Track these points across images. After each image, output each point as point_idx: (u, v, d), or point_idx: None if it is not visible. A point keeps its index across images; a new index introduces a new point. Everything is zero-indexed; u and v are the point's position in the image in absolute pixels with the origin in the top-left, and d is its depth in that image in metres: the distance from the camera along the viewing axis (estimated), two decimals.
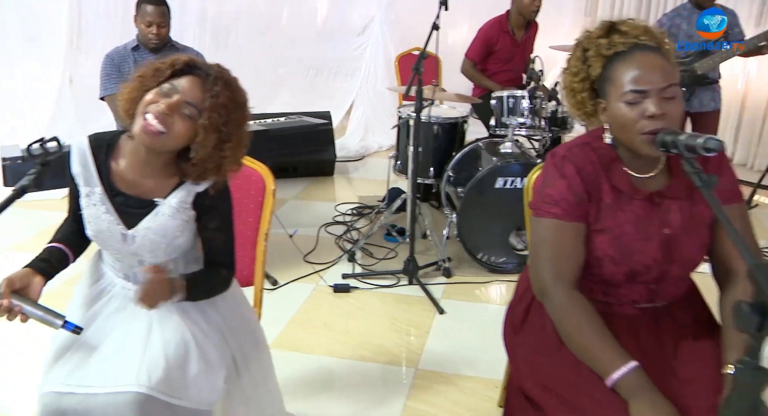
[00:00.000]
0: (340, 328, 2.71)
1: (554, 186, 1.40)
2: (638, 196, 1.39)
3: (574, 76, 1.41)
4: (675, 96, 1.30)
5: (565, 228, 1.38)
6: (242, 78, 4.67)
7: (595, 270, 1.41)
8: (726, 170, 1.43)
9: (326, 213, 4.02)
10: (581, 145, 1.44)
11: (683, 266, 1.41)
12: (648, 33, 1.35)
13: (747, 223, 1.42)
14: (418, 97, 2.80)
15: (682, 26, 3.89)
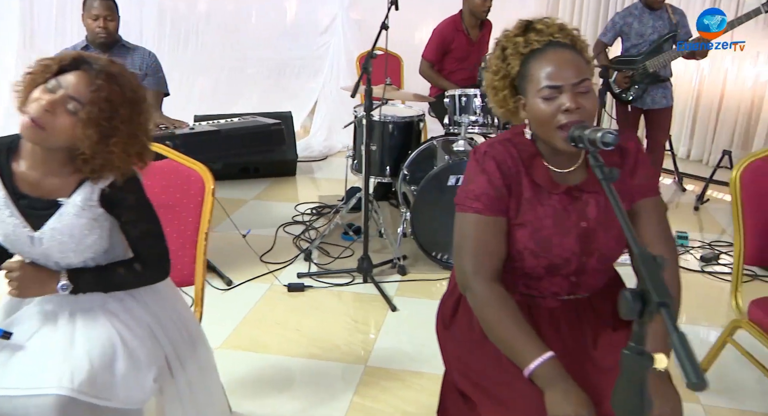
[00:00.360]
0: (292, 327, 2.72)
1: (475, 181, 1.44)
2: (557, 190, 1.43)
3: (494, 74, 1.45)
4: (589, 90, 1.34)
5: (486, 223, 1.41)
6: (211, 78, 4.64)
7: (517, 264, 1.44)
8: (643, 164, 1.47)
9: (286, 213, 4.02)
10: (503, 141, 1.47)
11: (601, 259, 1.44)
12: (563, 30, 1.39)
13: (662, 215, 1.47)
14: (368, 96, 2.82)
15: (634, 25, 3.97)
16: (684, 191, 4.62)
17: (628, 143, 1.48)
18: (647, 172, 1.47)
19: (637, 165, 1.46)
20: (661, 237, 1.43)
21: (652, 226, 1.44)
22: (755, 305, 2.01)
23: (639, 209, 1.45)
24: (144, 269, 1.52)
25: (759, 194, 2.02)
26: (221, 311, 2.86)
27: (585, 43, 1.42)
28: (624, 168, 1.46)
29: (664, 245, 1.43)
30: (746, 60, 4.94)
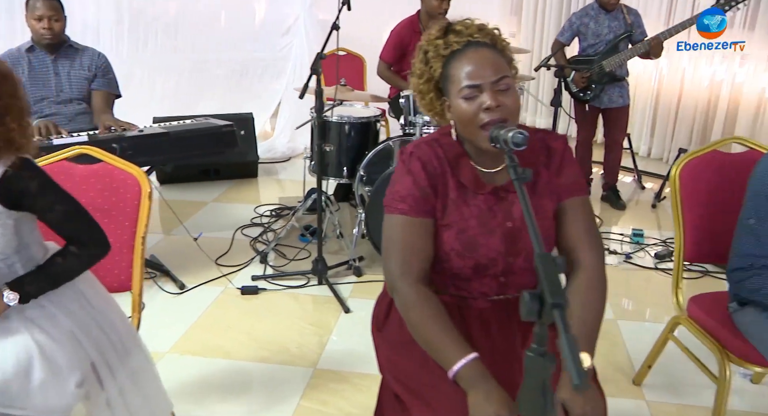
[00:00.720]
0: (243, 330, 2.69)
1: (401, 182, 1.43)
2: (483, 190, 1.43)
3: (419, 78, 1.44)
4: (509, 87, 1.34)
5: (412, 224, 1.40)
6: (172, 79, 4.52)
7: (445, 265, 1.44)
8: (569, 164, 1.48)
9: (245, 215, 3.98)
10: (430, 141, 1.47)
11: (528, 258, 1.44)
12: (482, 31, 1.39)
13: (588, 214, 1.47)
14: (318, 97, 2.80)
15: (590, 25, 4.01)
16: (643, 188, 4.68)
17: (555, 142, 1.48)
18: (574, 171, 1.48)
19: (563, 164, 1.46)
20: (586, 236, 1.43)
21: (577, 224, 1.44)
22: (693, 301, 2.03)
23: (565, 208, 1.45)
24: (81, 249, 1.48)
25: (697, 191, 2.05)
26: (172, 315, 2.82)
27: (506, 42, 1.43)
28: (550, 167, 1.46)
29: (589, 243, 1.43)
30: (702, 60, 5.02)
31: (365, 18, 5.40)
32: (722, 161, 2.06)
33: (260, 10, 5.45)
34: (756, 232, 1.70)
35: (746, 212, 1.74)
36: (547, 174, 1.46)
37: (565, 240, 1.45)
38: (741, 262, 1.74)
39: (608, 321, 2.80)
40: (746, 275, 1.72)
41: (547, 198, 1.45)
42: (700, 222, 2.05)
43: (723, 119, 4.95)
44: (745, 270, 1.73)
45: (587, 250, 1.42)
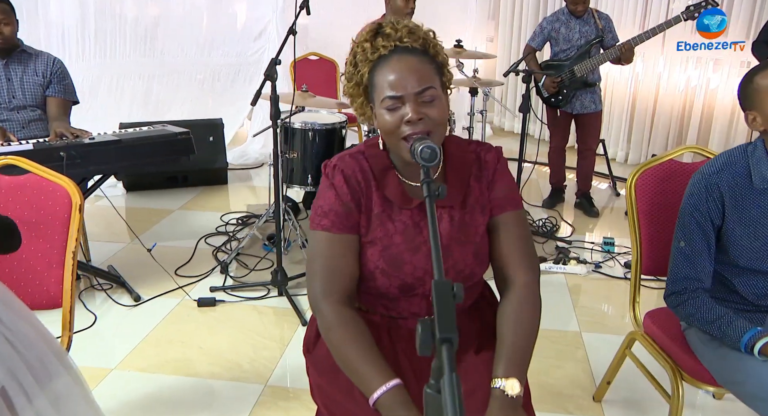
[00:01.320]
0: (195, 344, 2.60)
1: (324, 197, 1.36)
2: (409, 205, 1.36)
3: (348, 81, 1.37)
4: (434, 99, 1.27)
5: (335, 240, 1.33)
6: (142, 85, 4.37)
7: (370, 283, 1.36)
8: (502, 176, 1.41)
9: (210, 224, 3.89)
10: (355, 153, 1.40)
11: (458, 277, 1.37)
12: (412, 34, 1.30)
13: (522, 230, 1.40)
14: (274, 104, 2.72)
15: (561, 30, 3.96)
16: (618, 195, 4.62)
17: (488, 154, 1.42)
18: (507, 184, 1.41)
19: (496, 177, 1.40)
20: (519, 253, 1.36)
21: (510, 241, 1.37)
22: (649, 317, 1.97)
23: (498, 223, 1.39)
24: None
25: (653, 202, 1.98)
26: (125, 329, 2.73)
27: (438, 47, 1.35)
28: (482, 180, 1.40)
29: (522, 260, 1.36)
30: (677, 65, 4.99)
31: (338, 22, 5.35)
32: (678, 171, 2.00)
33: (233, 15, 5.37)
34: (686, 254, 1.64)
35: (677, 233, 1.67)
36: (478, 187, 1.40)
37: (498, 257, 1.38)
38: (675, 286, 1.67)
39: (573, 334, 2.74)
40: (680, 300, 1.65)
41: (478, 213, 1.39)
42: (657, 234, 1.98)
43: (698, 125, 4.92)
44: (679, 294, 1.66)
45: (520, 267, 1.35)
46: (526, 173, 3.61)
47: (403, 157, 1.29)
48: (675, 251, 1.67)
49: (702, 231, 1.62)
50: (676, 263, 1.67)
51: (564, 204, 4.39)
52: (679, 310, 1.67)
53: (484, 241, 1.39)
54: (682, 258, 1.65)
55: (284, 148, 3.47)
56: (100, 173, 2.79)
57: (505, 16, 6.28)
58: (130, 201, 4.35)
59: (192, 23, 5.18)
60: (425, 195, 1.06)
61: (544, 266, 3.30)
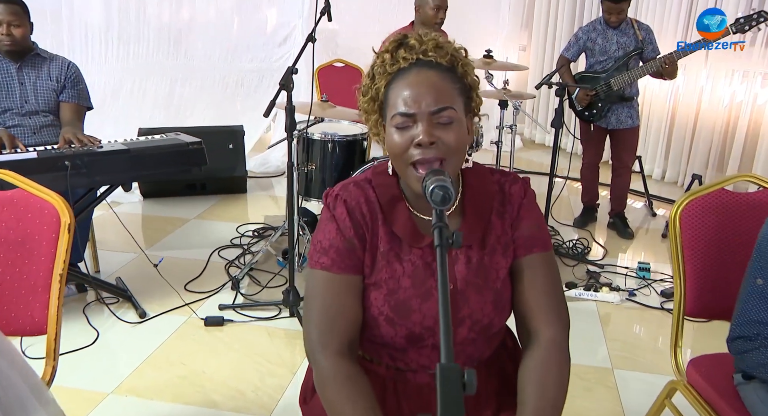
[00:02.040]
0: (198, 369, 2.46)
1: (324, 231, 1.20)
2: (420, 243, 1.18)
3: (363, 95, 1.21)
4: (452, 121, 1.10)
5: (334, 281, 1.17)
6: (164, 89, 4.24)
7: (374, 331, 1.19)
8: (529, 213, 1.23)
9: (225, 235, 3.77)
10: (361, 182, 1.23)
11: (475, 327, 1.19)
12: (440, 49, 1.14)
13: (549, 275, 1.21)
14: (289, 115, 2.57)
15: (598, 41, 3.75)
16: (654, 216, 4.37)
17: (513, 186, 1.24)
18: (534, 222, 1.23)
19: (521, 213, 1.22)
20: (546, 302, 1.18)
21: (536, 288, 1.19)
22: (693, 365, 1.75)
23: (522, 267, 1.20)
24: None
25: (700, 236, 1.77)
26: (127, 347, 2.61)
27: (469, 67, 1.18)
28: (505, 216, 1.22)
29: (549, 311, 1.18)
30: (721, 79, 4.72)
31: (365, 29, 5.21)
32: (730, 202, 1.78)
33: (260, 20, 5.26)
34: (765, 295, 1.42)
35: (754, 270, 1.46)
36: (501, 225, 1.21)
37: (521, 306, 1.20)
38: (745, 329, 1.46)
39: (604, 370, 2.52)
40: (751, 346, 1.44)
41: (499, 254, 1.21)
42: (704, 272, 1.77)
43: (742, 143, 4.64)
44: (750, 340, 1.44)
45: (546, 320, 1.17)
46: (557, 188, 3.42)
47: (412, 187, 1.13)
48: (749, 290, 1.46)
49: None
50: (749, 303, 1.45)
51: (596, 224, 4.16)
52: (746, 358, 1.46)
53: (506, 286, 1.21)
54: (758, 298, 1.43)
55: (302, 159, 3.33)
56: (106, 183, 2.67)
57: (539, 24, 6.07)
58: (147, 208, 4.25)
59: (217, 27, 5.08)
60: (436, 244, 0.88)
61: (573, 293, 3.09)
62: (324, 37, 5.32)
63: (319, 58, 5.05)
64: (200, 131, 4.32)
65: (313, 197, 3.40)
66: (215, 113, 5.08)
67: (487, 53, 3.62)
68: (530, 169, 5.44)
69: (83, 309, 2.83)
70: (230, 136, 4.44)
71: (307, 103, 2.98)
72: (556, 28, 5.89)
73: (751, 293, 1.45)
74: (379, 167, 1.25)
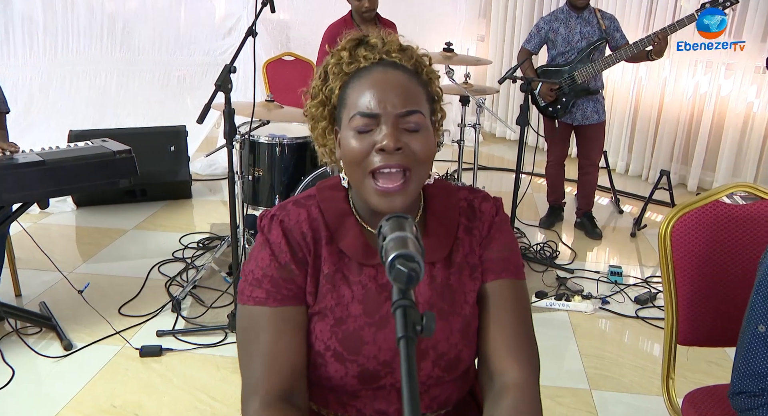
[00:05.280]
0: (130, 409, 2.16)
1: (257, 259, 1.00)
2: (372, 260, 0.98)
3: (312, 98, 1.03)
4: (420, 128, 0.94)
5: (272, 316, 0.97)
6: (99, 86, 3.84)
7: (321, 371, 0.98)
8: (502, 233, 1.05)
9: (167, 247, 3.45)
10: (302, 199, 1.04)
11: (440, 363, 0.98)
12: (404, 52, 0.98)
13: (518, 305, 1.01)
14: (228, 119, 2.28)
15: (560, 31, 3.55)
16: (621, 213, 4.23)
17: (483, 203, 1.06)
18: (505, 243, 1.04)
19: (492, 233, 1.04)
20: (514, 340, 0.98)
21: (501, 320, 0.99)
22: (690, 401, 1.55)
23: (488, 293, 1.01)
24: None
25: (693, 255, 1.57)
26: (47, 389, 2.28)
27: (433, 75, 1.01)
28: (473, 233, 1.04)
29: (518, 351, 0.98)
30: (684, 70, 4.59)
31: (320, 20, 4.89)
32: (725, 216, 1.58)
33: (201, 10, 4.90)
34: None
35: (755, 315, 1.24)
36: (469, 242, 1.03)
37: (484, 343, 1.00)
38: (748, 384, 1.24)
39: (582, 392, 2.33)
40: (756, 403, 1.22)
41: (467, 275, 1.02)
42: (699, 296, 1.57)
43: (707, 135, 4.54)
44: (755, 396, 1.23)
45: (513, 360, 0.97)
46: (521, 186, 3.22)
47: (368, 200, 0.94)
48: (750, 337, 1.24)
49: None
50: (751, 353, 1.23)
51: (563, 223, 3.98)
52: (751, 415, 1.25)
53: (475, 314, 1.01)
54: (761, 347, 1.21)
55: (248, 164, 3.03)
56: (17, 201, 2.32)
57: (497, 13, 5.86)
58: (81, 218, 3.89)
59: (154, 18, 4.70)
60: (399, 335, 0.63)
61: (544, 303, 2.89)
62: (273, 29, 5.02)
63: (268, 52, 4.75)
64: (138, 133, 4.01)
65: (262, 205, 3.11)
66: (156, 111, 4.71)
67: (447, 46, 3.38)
68: (492, 164, 5.25)
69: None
70: (171, 137, 4.11)
71: (249, 103, 2.68)
72: (516, 16, 5.70)
73: (752, 341, 1.23)
74: (323, 182, 1.06)
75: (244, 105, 2.68)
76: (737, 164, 4.44)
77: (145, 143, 3.72)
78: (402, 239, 0.71)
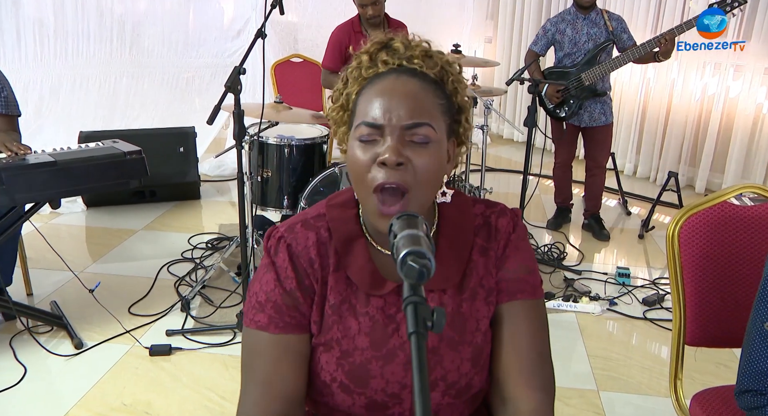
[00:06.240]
0: (139, 408, 2.18)
1: (262, 281, 0.98)
2: (380, 290, 0.96)
3: (334, 102, 1.00)
4: (428, 142, 0.89)
5: (272, 344, 0.95)
6: (109, 88, 3.86)
7: (327, 400, 0.97)
8: (518, 250, 1.02)
9: (176, 247, 3.47)
10: (314, 218, 1.01)
11: (450, 391, 0.97)
12: (428, 58, 0.94)
13: (533, 327, 0.99)
14: (238, 120, 2.30)
15: (567, 32, 3.55)
16: (629, 214, 4.22)
17: (499, 219, 1.02)
18: (523, 262, 1.01)
19: (508, 251, 1.01)
20: (529, 364, 0.96)
21: (515, 346, 0.97)
22: (698, 402, 1.56)
23: (502, 316, 0.99)
24: None
25: (701, 256, 1.57)
26: (58, 387, 2.31)
27: (461, 86, 0.97)
28: (488, 254, 1.00)
29: (532, 376, 0.96)
30: (692, 71, 4.58)
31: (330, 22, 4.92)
32: (733, 217, 1.59)
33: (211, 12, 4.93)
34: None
35: (760, 312, 1.24)
36: (484, 264, 1.00)
37: (497, 365, 0.99)
38: (754, 382, 1.24)
39: (589, 392, 2.33)
40: (763, 402, 1.22)
41: (481, 300, 0.99)
42: (707, 296, 1.57)
43: (715, 137, 4.52)
44: (761, 395, 1.23)
45: (527, 386, 0.95)
46: (529, 187, 3.23)
47: (373, 223, 0.92)
48: (756, 335, 1.24)
49: None
50: (757, 351, 1.23)
51: (570, 225, 3.98)
52: (757, 415, 1.25)
53: (488, 341, 0.99)
54: (767, 346, 1.22)
55: (257, 165, 3.05)
56: (29, 201, 2.35)
57: (504, 14, 5.87)
58: (91, 219, 3.92)
59: (163, 20, 4.73)
60: (410, 331, 0.64)
61: (552, 304, 2.89)
62: (281, 31, 5.05)
63: (276, 54, 4.77)
64: (147, 134, 4.04)
65: (270, 206, 3.13)
66: (165, 112, 4.74)
67: (454, 48, 3.39)
68: (499, 166, 5.25)
69: (10, 341, 2.52)
70: (180, 138, 4.13)
71: (258, 105, 2.70)
72: (523, 18, 5.71)
73: (758, 339, 1.23)
74: (336, 195, 1.04)
75: (253, 106, 2.70)
76: (746, 165, 4.42)
77: (154, 144, 3.74)
78: (413, 237, 0.72)
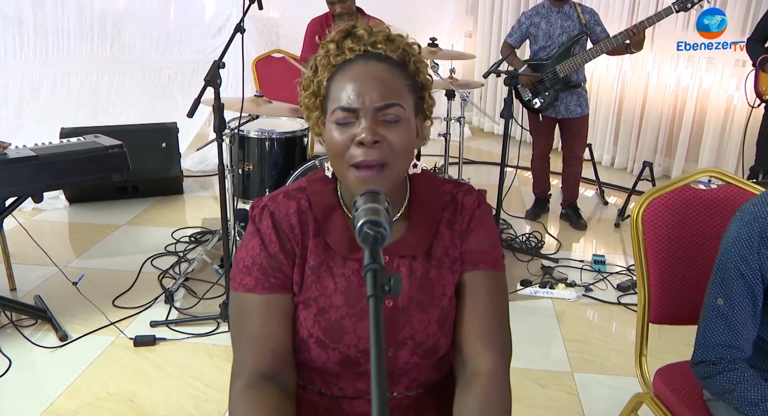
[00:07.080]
0: (124, 396, 2.22)
1: (248, 247, 1.06)
2: (356, 254, 1.04)
3: (305, 89, 1.07)
4: (399, 120, 0.98)
5: (260, 304, 1.03)
6: (90, 84, 3.86)
7: (305, 355, 1.06)
8: (480, 225, 1.10)
9: (160, 241, 3.50)
10: (294, 191, 1.09)
11: (418, 352, 1.05)
12: (391, 42, 1.02)
13: (493, 296, 1.07)
14: (218, 113, 2.34)
15: (541, 25, 3.62)
16: (606, 204, 4.31)
17: (465, 197, 1.11)
18: (486, 236, 1.09)
19: (471, 227, 1.09)
20: (488, 329, 1.04)
21: (477, 310, 1.05)
22: (660, 376, 1.63)
23: (464, 284, 1.08)
24: None
25: (663, 237, 1.64)
26: (43, 377, 2.34)
27: (422, 65, 1.06)
28: (454, 227, 1.09)
29: (491, 340, 1.03)
30: (666, 64, 4.68)
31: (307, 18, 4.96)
32: (694, 199, 1.66)
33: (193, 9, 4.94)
34: (725, 315, 1.28)
35: (714, 288, 1.32)
36: (449, 236, 1.09)
37: (458, 330, 1.07)
38: (708, 353, 1.32)
39: (564, 375, 2.40)
40: (714, 371, 1.31)
41: (446, 268, 1.08)
42: (669, 276, 1.64)
43: (689, 128, 4.63)
44: (713, 364, 1.31)
45: (487, 348, 1.03)
46: (508, 179, 3.31)
47: (353, 191, 0.99)
48: (709, 310, 1.32)
49: (749, 288, 1.26)
50: (710, 324, 1.31)
51: (548, 215, 4.06)
52: (710, 383, 1.33)
53: (453, 305, 1.08)
54: (719, 320, 1.29)
55: (238, 158, 3.09)
56: (11, 195, 2.38)
57: (484, 10, 5.93)
58: (74, 215, 3.93)
59: (144, 17, 4.74)
60: (369, 294, 0.70)
61: (529, 291, 2.97)
62: (263, 26, 5.08)
63: (258, 49, 4.80)
64: (129, 130, 4.05)
65: (251, 199, 3.16)
66: (147, 109, 4.76)
67: (431, 42, 3.44)
68: (480, 158, 5.32)
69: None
70: (163, 134, 4.16)
71: (239, 99, 2.74)
72: (502, 13, 5.77)
73: (711, 314, 1.31)
74: (314, 173, 1.11)
75: (234, 100, 2.74)
76: (719, 154, 4.53)
77: (136, 139, 3.76)
78: (373, 209, 0.79)
